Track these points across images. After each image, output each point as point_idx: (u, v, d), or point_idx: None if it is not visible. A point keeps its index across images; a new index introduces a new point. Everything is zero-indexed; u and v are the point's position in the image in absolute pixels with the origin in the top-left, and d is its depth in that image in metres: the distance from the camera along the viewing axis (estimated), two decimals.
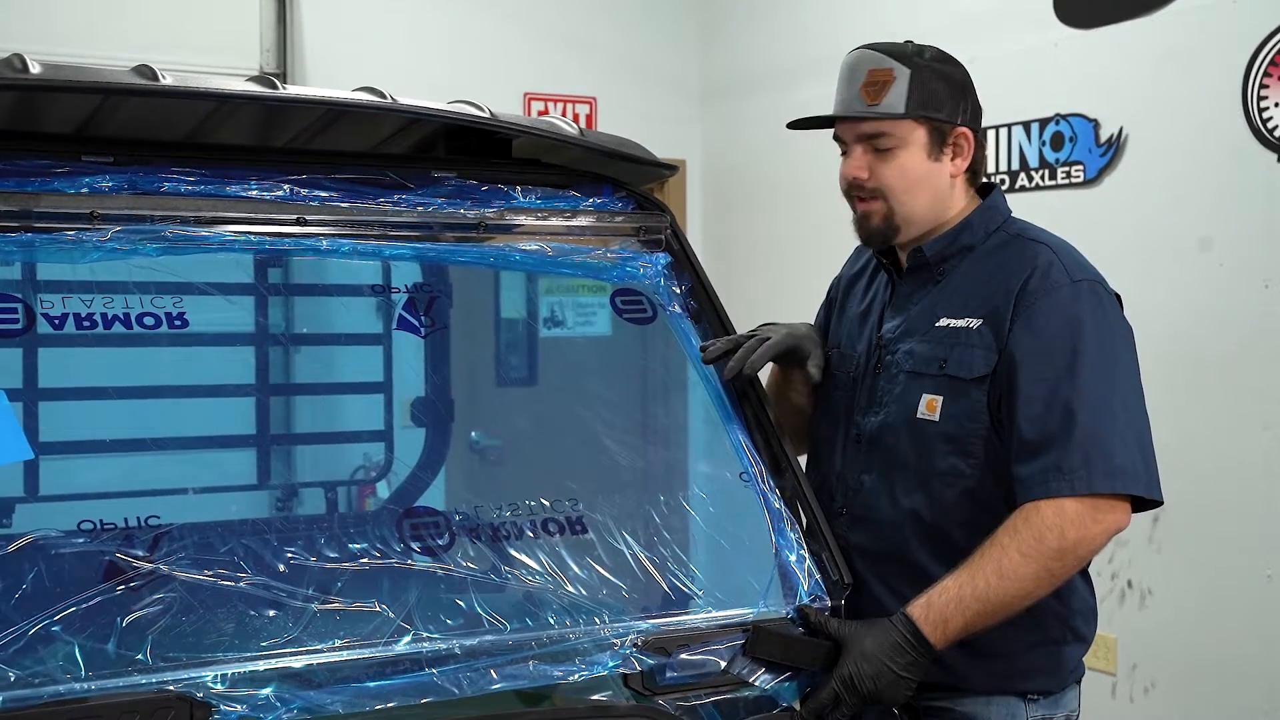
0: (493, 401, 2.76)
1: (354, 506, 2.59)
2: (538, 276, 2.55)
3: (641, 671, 2.08)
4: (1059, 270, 2.35)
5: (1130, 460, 2.26)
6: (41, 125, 2.29)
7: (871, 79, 2.40)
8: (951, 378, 2.36)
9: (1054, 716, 2.42)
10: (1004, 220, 2.50)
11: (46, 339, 2.22)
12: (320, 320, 2.64)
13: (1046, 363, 2.28)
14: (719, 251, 6.71)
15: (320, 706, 1.85)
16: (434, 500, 2.58)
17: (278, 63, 5.70)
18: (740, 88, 6.47)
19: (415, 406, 2.70)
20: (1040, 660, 2.40)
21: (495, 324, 2.66)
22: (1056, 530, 2.21)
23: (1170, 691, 4.51)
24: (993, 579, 2.20)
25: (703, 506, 2.32)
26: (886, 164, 2.42)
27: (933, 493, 2.37)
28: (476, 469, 2.70)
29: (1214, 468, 4.36)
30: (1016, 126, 5.04)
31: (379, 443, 2.83)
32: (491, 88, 6.08)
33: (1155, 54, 4.55)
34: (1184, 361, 4.43)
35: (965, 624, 2.20)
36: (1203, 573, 4.40)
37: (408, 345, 2.50)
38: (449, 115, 2.43)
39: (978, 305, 2.38)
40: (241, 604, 1.93)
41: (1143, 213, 4.59)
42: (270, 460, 2.55)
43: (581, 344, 2.72)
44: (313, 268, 2.47)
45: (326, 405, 2.77)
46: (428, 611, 2.00)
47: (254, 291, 2.36)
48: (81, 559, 1.90)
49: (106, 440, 2.27)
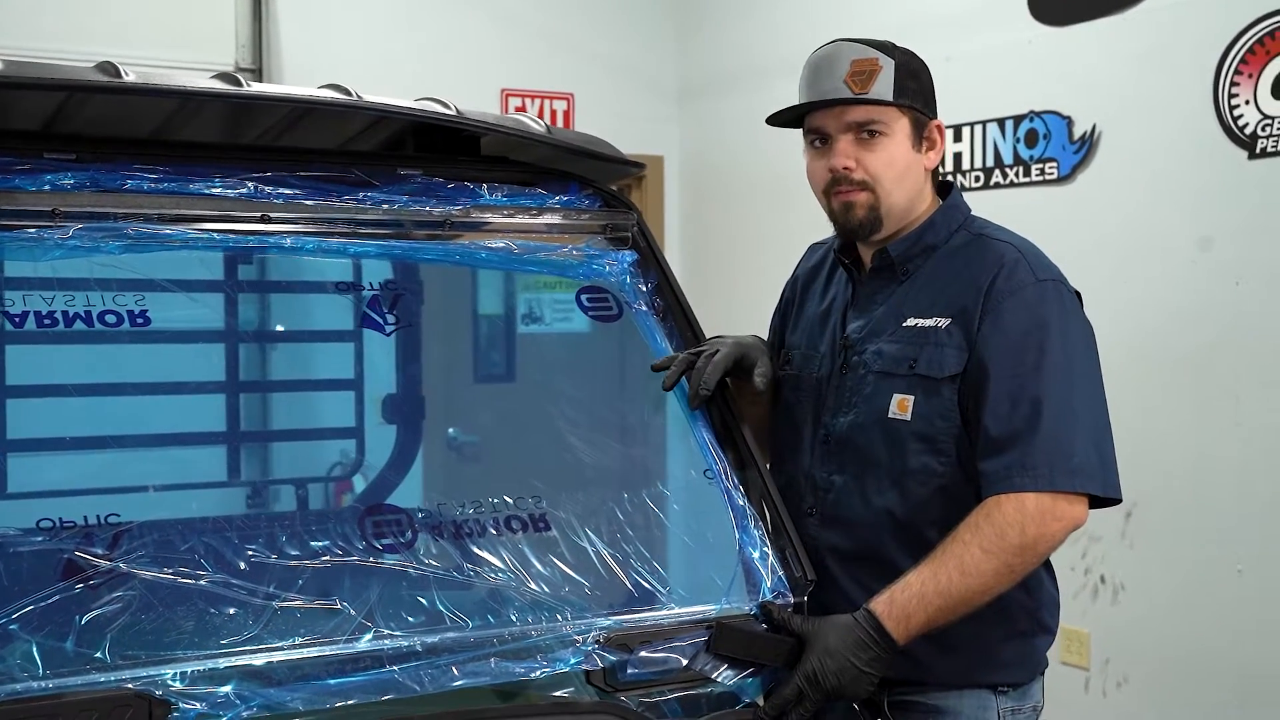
0: (460, 399, 2.75)
1: (326, 503, 2.58)
2: (507, 274, 2.54)
3: (604, 668, 2.08)
4: (1024, 269, 2.37)
5: (1088, 459, 2.28)
6: (5, 122, 2.28)
7: (858, 68, 2.40)
8: (923, 377, 2.36)
9: (1022, 707, 2.43)
10: (965, 219, 2.51)
11: (7, 336, 2.20)
12: (285, 318, 2.63)
13: (1013, 362, 2.30)
14: (697, 249, 6.72)
15: (280, 704, 1.84)
16: (402, 498, 2.58)
17: (253, 58, 5.68)
18: (717, 86, 6.48)
19: (383, 404, 2.70)
20: (1009, 653, 2.42)
21: (462, 321, 2.65)
22: (1017, 526, 2.22)
23: (1143, 686, 4.53)
24: (955, 575, 2.21)
25: (667, 504, 2.32)
26: (874, 153, 2.41)
27: (906, 491, 2.38)
28: (447, 466, 2.70)
29: (1186, 463, 4.39)
30: (991, 124, 5.06)
31: (347, 440, 2.84)
32: (469, 83, 6.08)
33: (1129, 51, 4.57)
34: (1156, 358, 4.45)
35: (928, 619, 2.22)
36: (1175, 568, 4.43)
37: (374, 343, 2.50)
38: (415, 113, 2.43)
39: (945, 305, 2.39)
40: (202, 602, 1.92)
41: (1115, 210, 4.61)
42: (232, 458, 2.55)
43: (549, 341, 2.71)
44: (276, 265, 2.47)
45: (292, 403, 2.76)
46: (389, 609, 2.00)
47: (217, 289, 2.35)
48: (40, 557, 1.90)
49: (68, 438, 2.26)
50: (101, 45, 5.17)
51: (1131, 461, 4.43)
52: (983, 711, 2.39)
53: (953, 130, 5.19)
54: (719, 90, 6.48)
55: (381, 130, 2.57)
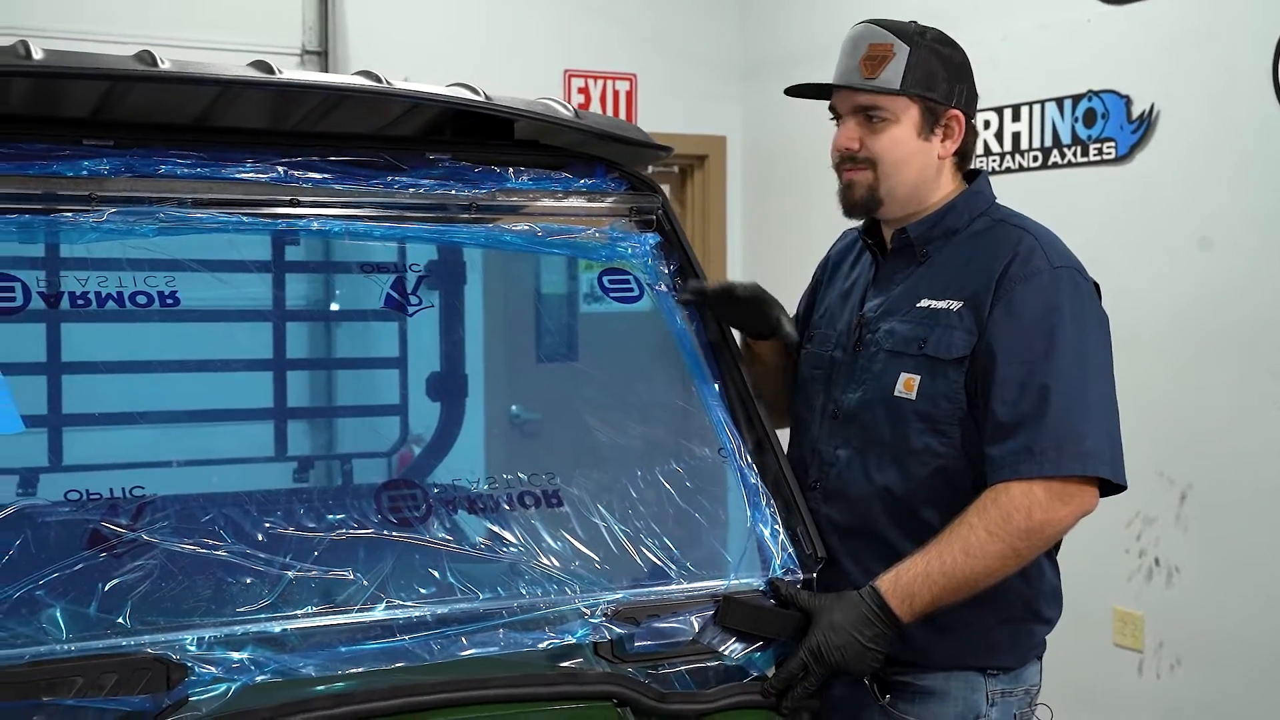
0: (485, 379, 2.81)
1: (344, 479, 2.65)
2: (533, 256, 2.59)
3: (611, 640, 2.14)
4: (1040, 256, 2.38)
5: (1099, 444, 2.29)
6: (53, 110, 2.38)
7: (871, 53, 2.45)
8: (930, 358, 2.39)
9: (1014, 690, 2.45)
10: (988, 205, 2.53)
11: (42, 316, 2.30)
12: (312, 298, 2.71)
13: (1023, 347, 2.32)
14: (759, 229, 6.73)
15: (293, 669, 1.92)
16: (417, 473, 2.65)
17: (320, 40, 5.77)
18: (781, 64, 6.47)
19: (403, 383, 2.77)
20: (1001, 638, 2.44)
21: (486, 302, 2.71)
22: (1024, 511, 2.24)
23: (1197, 669, 4.50)
24: (960, 556, 2.24)
25: (680, 481, 2.36)
26: (877, 136, 2.46)
27: (906, 470, 2.41)
28: (469, 443, 2.76)
29: (1239, 445, 4.35)
30: (1050, 103, 5.02)
31: (390, 417, 2.91)
32: (532, 65, 6.14)
33: (1187, 29, 4.52)
34: (1208, 338, 4.42)
35: (932, 599, 2.25)
36: (1229, 550, 4.40)
37: (403, 323, 2.57)
38: (441, 98, 2.48)
39: (959, 288, 2.41)
40: (220, 571, 2.01)
41: (1173, 189, 4.57)
42: (256, 435, 2.63)
43: (573, 322, 2.77)
44: (304, 247, 2.54)
45: (315, 381, 2.84)
46: (401, 580, 2.07)
47: (243, 269, 2.43)
48: (67, 527, 1.99)
49: (98, 414, 2.36)
50: (169, 29, 5.31)
51: (1186, 443, 4.47)
52: (972, 693, 2.42)
53: (1011, 110, 5.17)
54: (783, 69, 6.47)
55: (419, 116, 2.63)
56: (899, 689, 2.43)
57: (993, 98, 5.21)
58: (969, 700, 2.41)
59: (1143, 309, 4.52)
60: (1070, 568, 2.61)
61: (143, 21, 5.35)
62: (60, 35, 4.96)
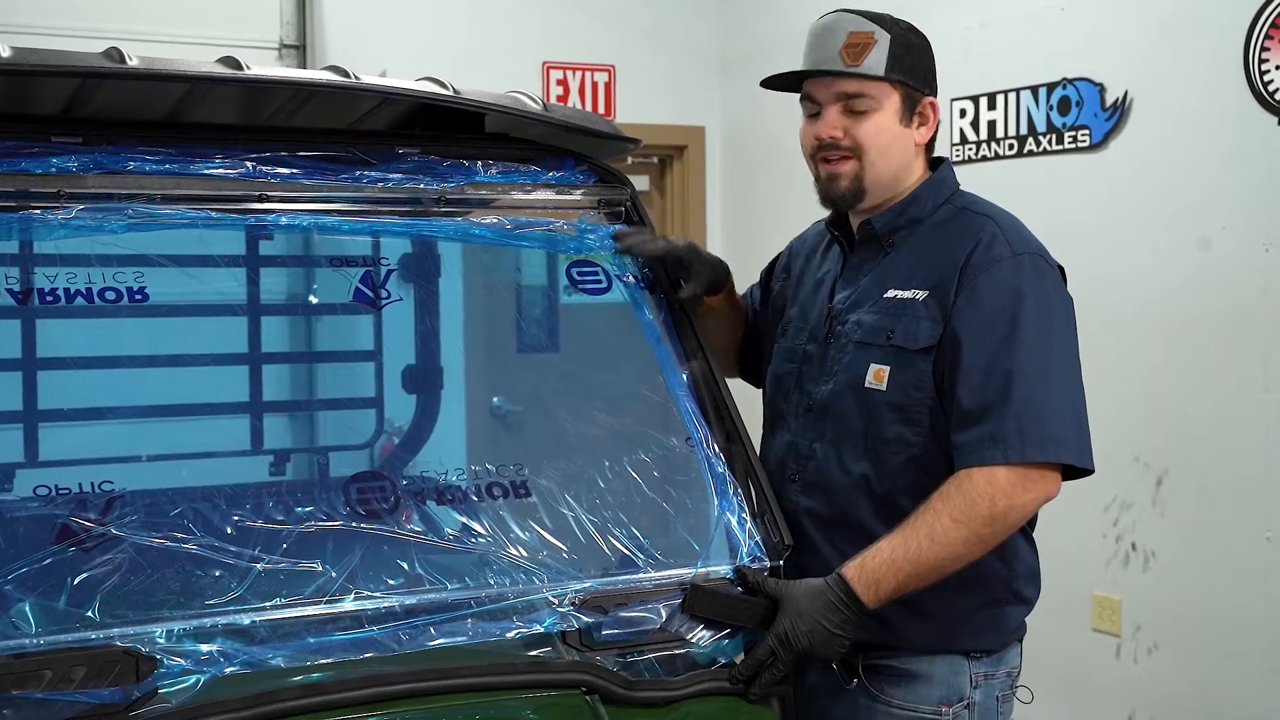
0: (453, 370, 2.83)
1: (311, 472, 2.67)
2: (497, 249, 2.61)
3: (579, 629, 2.16)
4: (1002, 243, 2.40)
5: (1063, 429, 2.31)
6: (23, 107, 2.38)
7: (853, 40, 2.45)
8: (898, 348, 2.41)
9: (996, 673, 2.47)
10: (951, 193, 2.55)
11: (9, 312, 2.31)
12: (281, 293, 2.72)
13: (987, 334, 2.33)
14: (738, 218, 6.75)
15: (262, 661, 1.94)
16: (377, 463, 2.66)
17: (298, 35, 5.77)
18: (759, 55, 6.47)
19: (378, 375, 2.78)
20: (982, 621, 2.46)
21: (453, 295, 2.72)
22: (988, 498, 2.26)
23: (1174, 652, 4.53)
24: (925, 543, 2.26)
25: (648, 471, 2.38)
26: (861, 124, 2.47)
27: (880, 460, 2.42)
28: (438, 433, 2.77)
29: (1215, 430, 4.37)
30: (1025, 91, 5.04)
31: (368, 410, 2.92)
32: (511, 58, 6.14)
33: (1160, 17, 4.54)
34: (1185, 324, 4.44)
35: (897, 585, 2.27)
36: (1205, 535, 4.42)
37: (373, 316, 2.58)
38: (409, 92, 2.49)
39: (924, 277, 2.43)
40: (189, 564, 2.02)
41: (1147, 176, 4.59)
42: (225, 429, 2.65)
43: (540, 312, 2.78)
44: (272, 243, 2.55)
45: (281, 374, 2.85)
46: (370, 571, 2.09)
47: (211, 264, 2.44)
48: (36, 522, 2.00)
49: (66, 410, 2.37)
50: (149, 24, 5.31)
51: (1163, 429, 4.49)
52: (955, 676, 2.44)
53: (986, 98, 5.19)
54: (761, 60, 6.46)
55: (389, 110, 2.64)
56: (881, 672, 2.45)
57: (968, 86, 5.23)
58: (952, 683, 2.44)
59: (1120, 296, 4.54)
60: (1049, 552, 2.63)
61: (121, 16, 5.35)
62: (40, 31, 4.97)
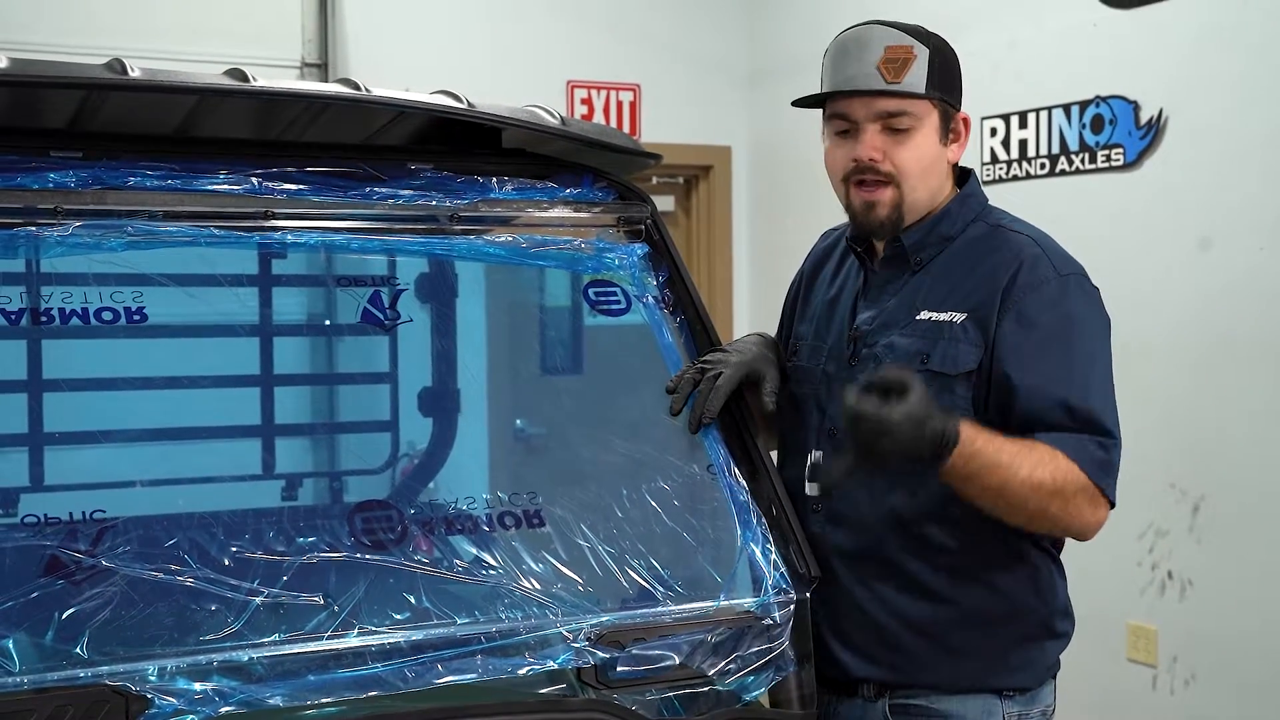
0: (463, 394, 2.74)
1: (315, 499, 2.58)
2: (515, 269, 2.52)
3: (595, 665, 2.06)
4: (1045, 264, 2.31)
5: (1115, 459, 2.26)
6: (26, 120, 2.31)
7: (891, 55, 2.32)
8: (936, 373, 2.29)
9: (1030, 712, 2.37)
10: (981, 209, 2.44)
11: (2, 333, 2.23)
12: (286, 313, 2.63)
13: (1041, 357, 2.25)
14: (764, 239, 6.66)
15: (260, 700, 1.85)
16: (386, 492, 2.58)
17: (320, 53, 5.72)
18: (786, 74, 6.38)
19: (391, 399, 2.69)
20: (1016, 658, 2.36)
21: (467, 316, 2.63)
22: (1075, 491, 2.20)
23: (1211, 683, 4.42)
24: (1022, 471, 2.16)
25: (667, 500, 2.29)
26: (902, 145, 2.34)
27: (914, 489, 2.31)
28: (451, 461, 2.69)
29: (1254, 455, 4.27)
30: (1057, 109, 4.95)
31: (384, 433, 2.83)
32: (535, 76, 6.08)
33: (1195, 33, 4.45)
34: (1222, 347, 4.34)
35: (975, 471, 2.15)
36: (1243, 563, 4.31)
37: (376, 338, 2.50)
38: (423, 106, 2.41)
39: (961, 299, 2.33)
40: (184, 597, 1.94)
41: (1183, 196, 4.49)
42: (229, 454, 2.56)
43: (558, 336, 2.69)
44: (277, 261, 2.47)
45: (287, 398, 2.76)
46: (375, 605, 2.00)
47: (214, 283, 2.36)
48: (23, 553, 1.92)
49: (58, 434, 2.29)
50: (168, 42, 5.27)
51: (1199, 453, 4.39)
52: (988, 716, 2.33)
53: (1018, 116, 5.10)
54: (787, 79, 6.39)
55: (404, 125, 2.56)
56: (909, 713, 2.35)
57: (999, 104, 5.14)
58: None
59: (1153, 317, 4.44)
60: (1083, 582, 2.55)
61: (140, 35, 5.30)
62: (57, 49, 4.91)
